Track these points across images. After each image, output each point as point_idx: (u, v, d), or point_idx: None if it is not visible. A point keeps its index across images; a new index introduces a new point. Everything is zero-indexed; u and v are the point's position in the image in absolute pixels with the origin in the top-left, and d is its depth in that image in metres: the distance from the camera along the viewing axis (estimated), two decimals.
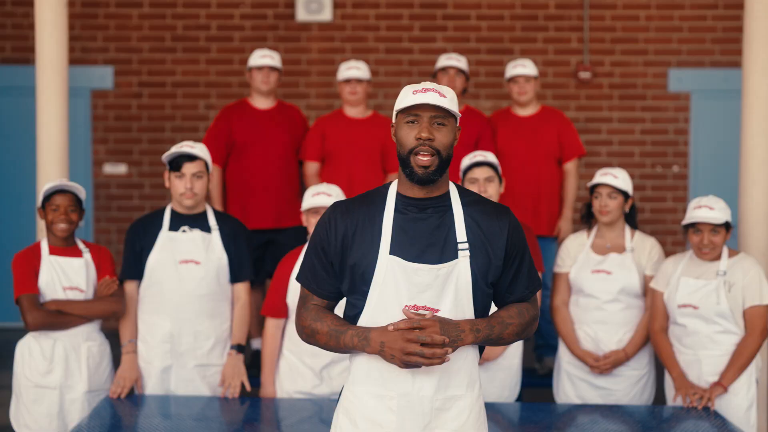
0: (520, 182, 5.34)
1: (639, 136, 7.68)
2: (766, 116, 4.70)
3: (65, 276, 4.08)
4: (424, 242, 2.49)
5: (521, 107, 5.47)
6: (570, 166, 5.44)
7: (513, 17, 7.64)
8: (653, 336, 4.25)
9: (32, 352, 4.05)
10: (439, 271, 2.47)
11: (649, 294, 4.33)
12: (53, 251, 4.11)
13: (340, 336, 2.50)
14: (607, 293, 4.34)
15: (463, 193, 2.59)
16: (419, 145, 2.46)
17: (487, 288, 2.54)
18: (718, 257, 4.15)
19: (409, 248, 2.48)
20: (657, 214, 7.66)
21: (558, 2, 7.64)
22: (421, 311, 2.47)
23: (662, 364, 4.25)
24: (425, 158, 2.46)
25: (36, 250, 4.11)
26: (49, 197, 4.09)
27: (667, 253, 4.58)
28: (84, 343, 4.09)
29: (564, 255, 4.50)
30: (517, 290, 2.60)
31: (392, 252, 2.47)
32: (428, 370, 2.48)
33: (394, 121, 2.56)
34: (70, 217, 4.09)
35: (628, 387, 4.36)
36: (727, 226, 4.12)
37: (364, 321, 2.52)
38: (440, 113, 2.48)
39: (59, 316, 4.02)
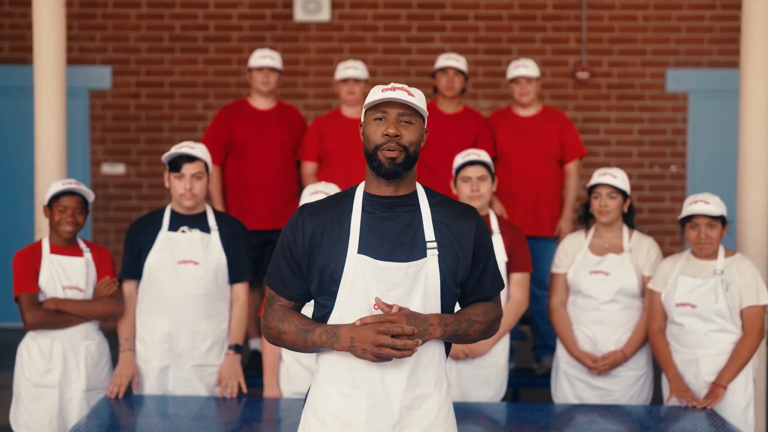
0: (521, 182, 5.34)
1: (637, 136, 7.69)
2: (764, 116, 4.71)
3: (65, 275, 4.09)
4: (393, 241, 2.50)
5: (522, 107, 5.47)
6: (571, 167, 5.44)
7: (511, 17, 7.65)
8: (651, 336, 4.26)
9: (31, 351, 4.06)
10: (408, 269, 2.48)
11: (647, 294, 4.33)
12: (54, 250, 4.12)
13: (308, 335, 2.51)
14: (605, 294, 4.34)
15: (430, 193, 2.61)
16: (386, 141, 2.49)
17: (455, 288, 2.56)
18: (714, 255, 4.16)
19: (378, 247, 2.49)
20: (655, 214, 7.67)
21: (556, 2, 7.64)
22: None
23: (659, 365, 4.26)
24: (392, 151, 2.49)
25: (37, 248, 4.12)
26: (57, 197, 4.10)
27: (665, 254, 4.59)
28: (82, 341, 4.10)
29: (561, 255, 4.50)
30: (483, 290, 2.63)
31: (360, 251, 2.49)
32: (397, 368, 2.48)
33: (362, 119, 2.58)
34: (77, 219, 4.11)
35: (626, 387, 4.36)
36: (723, 221, 4.13)
37: (333, 321, 2.52)
38: (408, 111, 2.51)
39: (58, 316, 4.02)
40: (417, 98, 2.52)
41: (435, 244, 2.51)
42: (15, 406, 4.09)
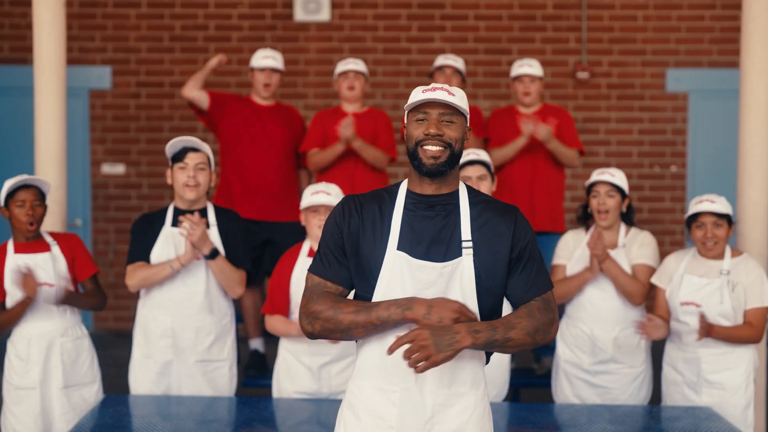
0: (521, 179, 5.36)
1: (637, 136, 7.69)
2: (764, 116, 4.71)
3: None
4: (430, 240, 2.51)
5: (524, 107, 5.48)
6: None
7: (511, 17, 7.65)
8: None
9: (9, 355, 4.05)
10: (443, 269, 2.48)
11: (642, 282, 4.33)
12: (18, 249, 4.04)
13: (371, 310, 2.45)
14: (601, 292, 4.35)
15: (472, 192, 2.61)
16: (427, 138, 2.50)
17: (494, 287, 2.53)
18: (721, 255, 4.16)
19: (416, 245, 2.50)
20: (655, 214, 7.67)
21: (556, 2, 7.64)
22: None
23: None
24: (435, 148, 2.49)
25: (2, 250, 4.05)
26: (12, 194, 4.02)
27: (665, 254, 4.58)
28: (58, 339, 4.06)
29: (563, 247, 4.50)
30: (528, 291, 2.55)
31: (399, 248, 2.50)
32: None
33: (405, 121, 2.60)
34: (36, 212, 4.02)
35: (626, 385, 4.36)
36: (729, 221, 4.13)
37: None
38: (449, 110, 2.52)
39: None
40: (458, 97, 2.53)
41: (470, 244, 2.50)
42: (2, 411, 4.08)
